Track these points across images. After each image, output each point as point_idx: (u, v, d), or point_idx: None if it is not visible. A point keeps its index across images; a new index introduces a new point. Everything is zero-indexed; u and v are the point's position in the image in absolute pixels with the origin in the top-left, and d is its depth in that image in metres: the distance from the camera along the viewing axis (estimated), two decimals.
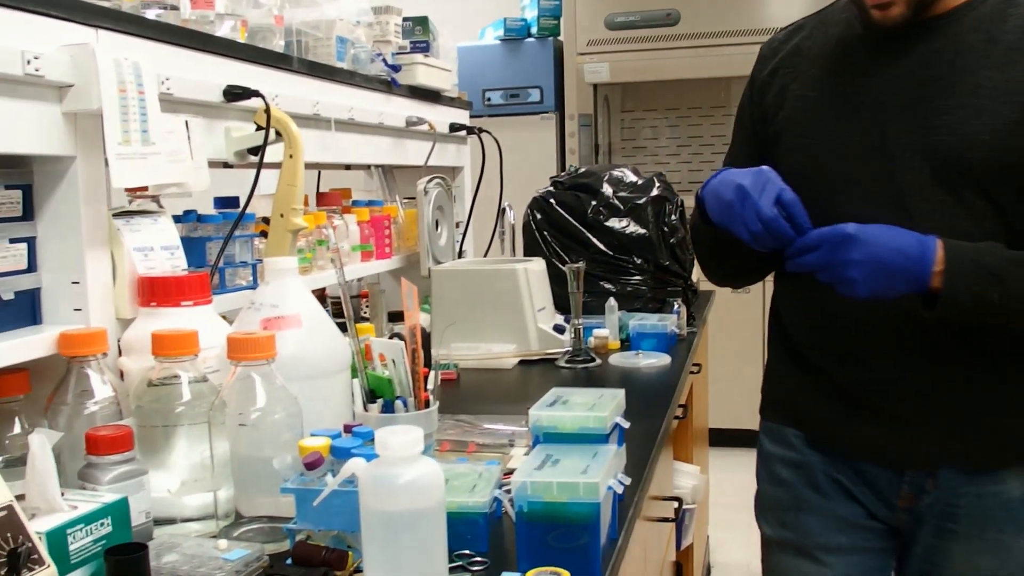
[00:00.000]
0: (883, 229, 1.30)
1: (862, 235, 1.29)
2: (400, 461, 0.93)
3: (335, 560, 1.06)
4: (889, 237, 1.29)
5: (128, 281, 1.36)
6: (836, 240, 1.30)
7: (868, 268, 1.28)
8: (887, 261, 1.28)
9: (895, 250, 1.28)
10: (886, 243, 1.29)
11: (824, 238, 1.31)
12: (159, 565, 1.07)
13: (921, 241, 1.29)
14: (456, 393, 1.97)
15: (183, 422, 1.22)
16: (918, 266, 1.28)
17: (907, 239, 1.29)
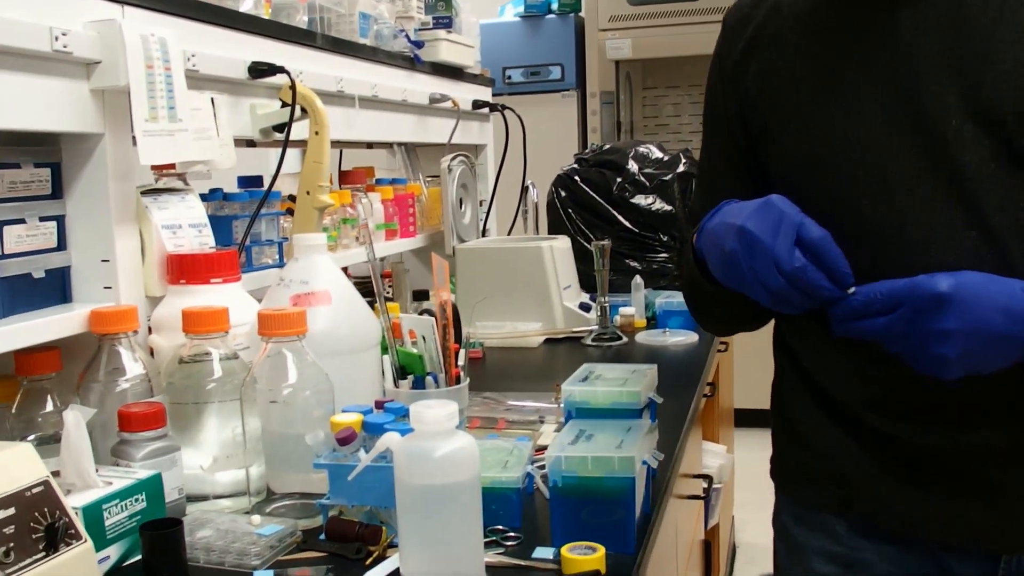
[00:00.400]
0: (983, 281, 0.94)
1: (960, 294, 0.92)
2: (435, 435, 0.93)
3: (369, 535, 1.07)
4: (994, 294, 0.94)
5: (157, 259, 1.36)
6: (922, 302, 0.93)
7: (970, 342, 0.93)
8: (994, 328, 0.93)
9: (1002, 310, 0.93)
10: (992, 303, 0.93)
11: (901, 296, 0.95)
12: (193, 540, 1.08)
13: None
14: (482, 371, 1.98)
15: (214, 399, 1.22)
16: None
17: (1014, 291, 0.94)
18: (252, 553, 1.05)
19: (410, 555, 0.96)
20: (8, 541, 0.93)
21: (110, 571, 1.04)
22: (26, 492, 0.97)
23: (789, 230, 0.97)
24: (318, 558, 1.06)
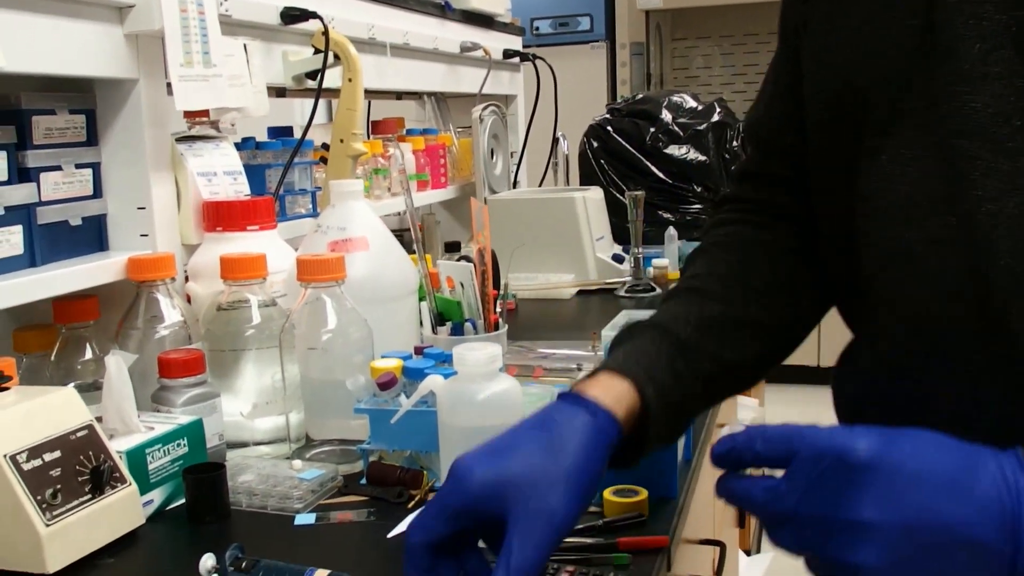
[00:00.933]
0: (928, 445, 0.60)
1: (886, 465, 0.59)
2: (479, 377, 0.94)
3: (410, 480, 1.08)
4: (946, 466, 0.59)
5: (193, 206, 1.37)
6: (825, 467, 0.60)
7: (902, 546, 0.57)
8: (943, 525, 0.57)
9: (959, 496, 0.57)
10: (941, 481, 0.58)
11: (794, 443, 0.62)
12: (235, 484, 1.09)
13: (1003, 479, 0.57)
14: (515, 323, 1.98)
15: (253, 346, 1.23)
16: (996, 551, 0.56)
17: (979, 466, 0.58)
18: (294, 497, 1.06)
19: None
20: (55, 483, 0.94)
21: (154, 515, 1.06)
22: (71, 436, 0.98)
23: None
24: (360, 502, 1.07)
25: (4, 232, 1.16)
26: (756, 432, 0.63)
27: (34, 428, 0.96)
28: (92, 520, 0.96)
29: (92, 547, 0.96)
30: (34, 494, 0.92)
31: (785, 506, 0.60)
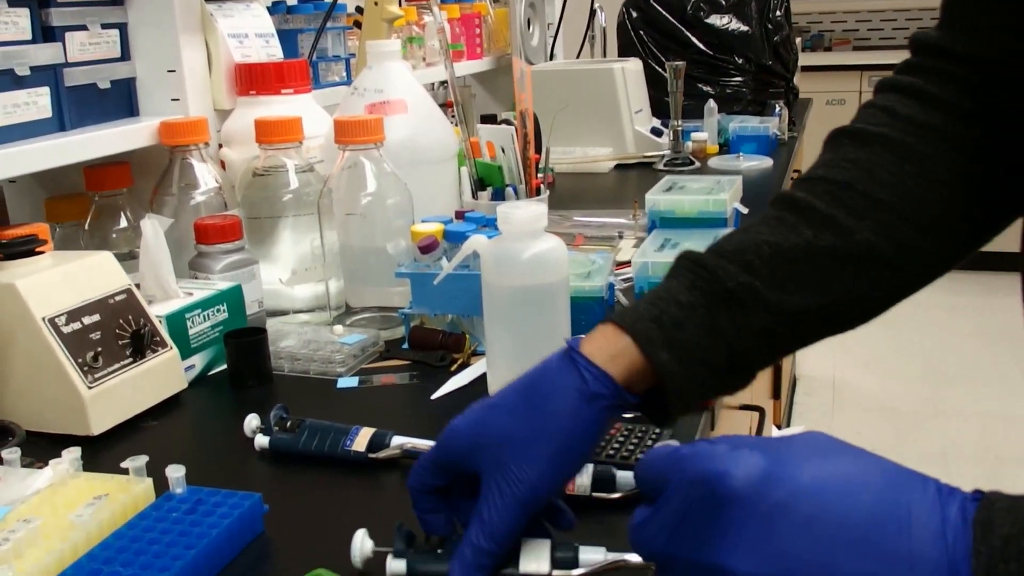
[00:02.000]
0: (838, 476, 0.45)
1: (767, 500, 0.45)
2: (523, 236, 0.90)
3: (453, 343, 1.05)
4: (837, 500, 0.44)
5: (224, 69, 1.32)
6: (693, 505, 0.47)
7: None
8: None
9: (849, 540, 0.43)
10: (822, 519, 0.43)
11: (671, 493, 0.49)
12: (277, 349, 1.07)
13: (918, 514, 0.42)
14: (552, 196, 1.93)
15: (290, 212, 1.20)
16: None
17: (882, 505, 0.43)
18: (336, 361, 1.04)
19: (497, 360, 0.94)
20: (95, 346, 0.92)
21: (196, 380, 1.04)
22: (109, 299, 0.96)
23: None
24: (402, 366, 1.05)
25: (31, 94, 1.12)
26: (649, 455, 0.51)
27: (72, 292, 0.94)
28: (134, 383, 0.95)
29: (135, 410, 0.95)
30: (75, 357, 0.90)
31: (655, 545, 0.48)
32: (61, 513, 0.69)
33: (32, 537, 0.65)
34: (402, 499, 0.76)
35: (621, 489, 0.74)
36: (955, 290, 4.25)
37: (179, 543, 0.66)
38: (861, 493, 0.43)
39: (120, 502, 0.71)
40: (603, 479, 0.74)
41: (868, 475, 0.44)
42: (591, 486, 0.74)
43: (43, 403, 0.90)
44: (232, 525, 0.69)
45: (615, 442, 0.80)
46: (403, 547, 0.63)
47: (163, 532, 0.67)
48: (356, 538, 0.65)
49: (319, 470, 0.83)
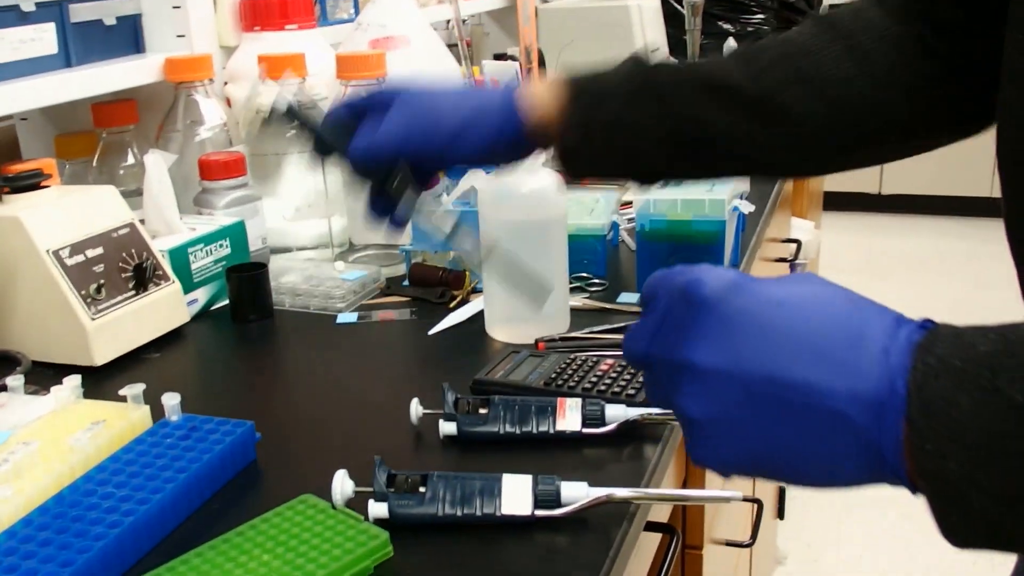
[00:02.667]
0: (804, 296, 0.47)
1: (732, 306, 0.47)
2: (521, 171, 0.91)
3: (453, 280, 1.07)
4: (789, 315, 0.46)
5: (229, 5, 1.33)
6: (672, 309, 0.50)
7: (725, 393, 0.46)
8: (773, 378, 0.45)
9: (800, 348, 0.45)
10: (777, 324, 0.46)
11: (657, 302, 0.51)
12: (278, 285, 1.09)
13: (868, 327, 0.45)
14: None
15: (294, 149, 1.21)
16: (854, 403, 0.43)
17: (834, 318, 0.46)
18: (336, 296, 1.06)
19: (494, 296, 0.95)
20: (98, 279, 0.94)
21: (199, 314, 1.06)
22: (112, 233, 0.98)
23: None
24: (402, 302, 1.07)
25: (36, 30, 1.13)
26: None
27: (75, 225, 0.96)
28: (137, 316, 0.97)
29: (137, 342, 0.97)
30: (78, 288, 0.92)
31: (639, 348, 0.51)
32: (60, 437, 0.71)
33: (31, 459, 0.68)
34: (386, 435, 0.78)
35: (611, 422, 0.75)
36: (985, 238, 4.23)
37: (171, 467, 0.68)
38: (821, 309, 0.46)
39: (117, 428, 0.73)
40: (593, 415, 0.75)
41: (834, 298, 0.46)
42: (581, 421, 0.75)
43: (48, 334, 0.93)
44: (224, 451, 0.71)
45: (607, 378, 0.81)
46: (383, 489, 0.65)
47: (157, 456, 0.69)
48: (336, 479, 0.65)
49: (313, 402, 0.86)
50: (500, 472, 0.66)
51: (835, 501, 2.43)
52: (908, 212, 4.60)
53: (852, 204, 4.62)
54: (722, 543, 1.20)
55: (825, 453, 0.44)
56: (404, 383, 0.88)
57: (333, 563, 0.59)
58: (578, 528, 0.63)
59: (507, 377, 0.83)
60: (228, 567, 0.59)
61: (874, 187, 4.65)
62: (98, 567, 0.59)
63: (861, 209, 4.65)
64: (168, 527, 0.65)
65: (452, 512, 0.64)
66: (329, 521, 0.63)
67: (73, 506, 0.63)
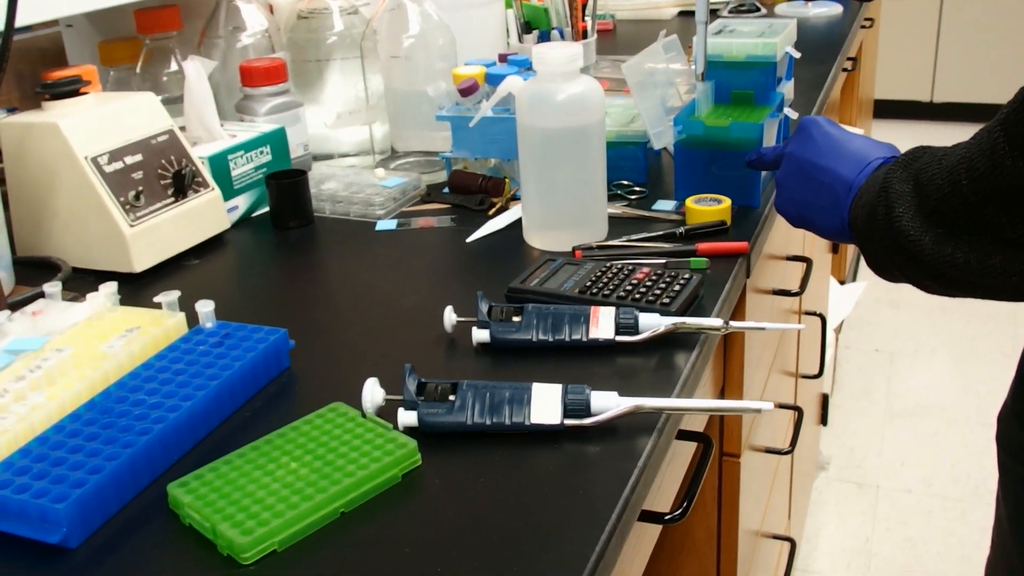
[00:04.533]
0: (844, 132, 0.81)
1: (812, 126, 0.82)
2: (559, 77, 0.86)
3: (492, 187, 1.03)
4: (838, 139, 0.79)
5: None
6: (795, 129, 0.84)
7: (792, 168, 0.82)
8: (812, 163, 0.79)
9: (832, 154, 0.78)
10: (829, 142, 0.79)
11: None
12: (319, 191, 1.06)
13: (870, 154, 0.77)
14: (613, 44, 1.87)
15: (336, 55, 1.17)
16: (840, 184, 0.76)
17: (859, 147, 0.78)
18: (376, 204, 1.03)
19: (532, 203, 0.92)
20: (137, 185, 0.92)
21: (239, 221, 1.04)
22: (152, 140, 0.96)
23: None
24: (441, 209, 1.04)
25: None
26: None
27: (114, 132, 0.93)
28: (176, 223, 0.95)
29: (177, 249, 0.95)
30: (117, 195, 0.90)
31: (770, 152, 0.90)
32: (94, 344, 0.70)
33: (63, 366, 0.66)
34: (418, 342, 0.76)
35: (644, 331, 0.72)
36: None
37: (203, 374, 0.66)
38: (856, 143, 0.78)
39: (151, 335, 0.71)
40: (626, 322, 0.72)
41: (870, 143, 0.78)
42: (615, 330, 0.72)
43: (88, 241, 0.91)
44: (257, 359, 0.69)
45: (642, 286, 0.78)
46: (413, 397, 0.63)
47: (189, 364, 0.67)
48: (367, 387, 0.64)
49: (350, 309, 0.83)
50: (532, 380, 0.64)
51: (878, 408, 2.39)
52: (960, 120, 4.43)
53: (903, 112, 4.46)
54: (761, 450, 1.18)
55: (823, 209, 0.78)
56: (440, 291, 0.85)
57: (360, 471, 0.57)
58: (608, 437, 0.60)
59: (542, 285, 0.80)
60: (256, 475, 0.57)
61: (926, 95, 4.48)
62: (126, 475, 0.57)
63: (912, 117, 4.49)
64: (199, 435, 0.64)
65: (481, 421, 0.61)
66: (358, 429, 0.61)
67: (104, 413, 0.62)
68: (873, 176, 0.71)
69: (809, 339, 1.61)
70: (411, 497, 0.57)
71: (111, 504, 0.56)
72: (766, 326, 0.74)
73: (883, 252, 0.69)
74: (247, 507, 0.54)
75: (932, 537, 1.97)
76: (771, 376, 1.22)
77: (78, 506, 0.54)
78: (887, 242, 0.67)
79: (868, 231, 0.70)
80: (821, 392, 2.11)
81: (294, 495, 0.55)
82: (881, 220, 0.67)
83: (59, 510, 0.53)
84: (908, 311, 2.84)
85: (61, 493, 0.54)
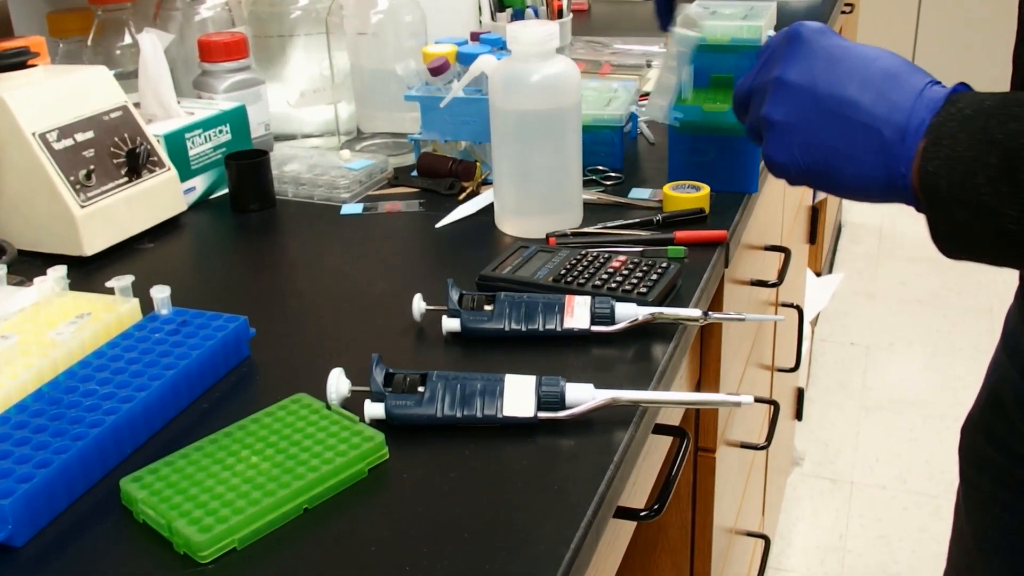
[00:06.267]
0: (872, 49, 0.62)
1: (820, 44, 0.62)
2: (533, 57, 0.85)
3: (463, 171, 1.02)
4: (859, 56, 0.61)
5: None
6: (776, 47, 0.64)
7: (799, 102, 0.61)
8: (834, 95, 0.60)
9: (861, 80, 0.59)
10: (848, 61, 0.60)
11: (764, 48, 0.66)
12: (281, 173, 1.05)
13: (913, 78, 0.58)
14: (587, 24, 1.86)
15: (299, 31, 1.16)
16: (888, 125, 0.57)
17: (891, 66, 0.59)
18: (341, 187, 1.02)
19: (504, 188, 0.91)
20: (88, 164, 0.90)
21: (197, 203, 1.03)
22: (104, 116, 0.94)
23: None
24: (409, 193, 1.03)
25: None
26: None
27: (64, 107, 0.91)
28: (130, 204, 0.93)
29: (130, 231, 0.93)
30: (67, 174, 0.88)
31: (744, 84, 0.67)
32: (42, 331, 0.68)
33: (9, 353, 0.65)
34: (386, 331, 0.75)
35: (620, 321, 0.71)
36: None
37: (159, 364, 0.65)
38: (883, 59, 0.60)
39: (103, 321, 0.70)
40: (602, 312, 0.71)
41: (894, 57, 0.60)
42: (590, 319, 0.71)
43: (35, 222, 0.89)
44: (215, 347, 0.68)
45: (618, 275, 0.77)
46: (380, 388, 0.62)
47: (144, 352, 0.66)
48: (332, 377, 0.62)
49: (313, 297, 0.82)
50: (505, 371, 0.63)
51: (853, 403, 2.41)
52: None
53: None
54: (736, 445, 1.18)
55: (858, 158, 0.58)
56: (408, 278, 0.84)
57: (325, 465, 0.56)
58: (583, 431, 0.60)
59: (515, 273, 0.79)
60: (215, 469, 0.56)
61: None
62: (76, 469, 0.56)
63: None
64: (154, 427, 0.62)
65: (451, 413, 0.60)
66: (323, 422, 0.60)
67: (53, 404, 0.60)
68: (952, 110, 0.54)
69: (785, 332, 1.62)
70: (378, 493, 0.56)
71: (60, 500, 0.55)
72: (746, 317, 0.74)
73: (982, 223, 0.53)
74: (205, 503, 0.53)
75: (906, 534, 1.99)
76: (747, 369, 1.22)
77: (25, 502, 0.52)
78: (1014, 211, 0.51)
79: (961, 194, 0.53)
80: (796, 386, 2.12)
81: (255, 490, 0.54)
82: (998, 182, 0.51)
83: (4, 506, 0.51)
84: (884, 303, 2.86)
85: (6, 488, 0.52)
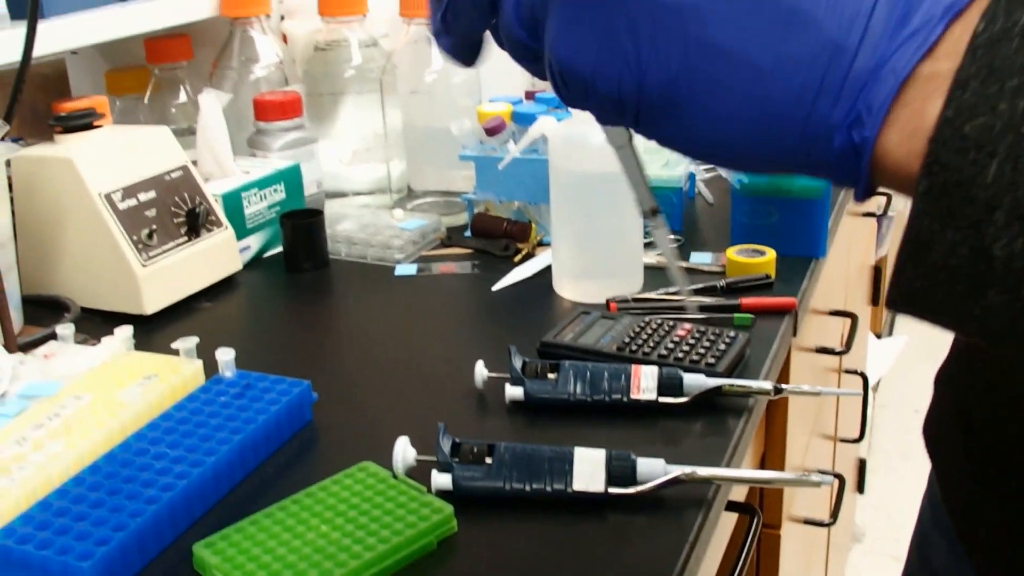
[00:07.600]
0: None
1: None
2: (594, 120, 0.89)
3: (517, 232, 1.05)
4: None
5: None
6: None
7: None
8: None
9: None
10: None
11: None
12: (334, 232, 1.09)
13: None
14: None
15: (353, 89, 1.20)
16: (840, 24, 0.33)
17: None
18: (395, 247, 1.05)
19: (563, 251, 0.94)
20: (150, 224, 0.95)
21: (251, 261, 1.06)
22: (166, 176, 0.98)
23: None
24: (463, 255, 1.06)
25: None
26: None
27: (128, 167, 0.95)
28: (188, 263, 0.97)
29: (189, 290, 0.97)
30: (130, 234, 0.92)
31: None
32: (111, 391, 0.71)
33: (82, 414, 0.68)
34: (447, 398, 0.77)
35: (689, 393, 0.73)
36: None
37: (226, 427, 0.68)
38: None
39: (169, 383, 0.73)
40: (670, 383, 0.73)
41: None
42: (657, 390, 0.73)
43: (98, 280, 0.93)
44: (280, 412, 0.71)
45: (685, 344, 0.80)
46: (448, 459, 0.64)
47: (211, 416, 0.69)
48: (398, 447, 0.65)
49: (371, 360, 0.85)
50: (570, 442, 0.65)
51: (917, 474, 2.39)
52: None
53: None
54: (800, 521, 1.19)
55: (775, 77, 0.34)
56: (466, 342, 0.87)
57: (395, 537, 0.58)
58: (654, 508, 0.62)
59: (577, 340, 0.82)
60: (285, 537, 0.59)
61: None
62: (151, 531, 0.59)
63: None
64: (222, 491, 0.65)
65: (520, 486, 0.63)
66: (390, 492, 0.63)
67: (125, 466, 0.63)
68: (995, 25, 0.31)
69: (848, 400, 1.63)
70: (447, 566, 0.58)
71: (134, 562, 0.58)
72: (822, 391, 0.75)
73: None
74: (278, 572, 0.56)
75: None
76: (811, 440, 1.23)
77: (103, 564, 0.55)
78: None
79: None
80: (858, 456, 2.12)
81: (326, 560, 0.57)
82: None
83: (84, 568, 0.54)
84: None
85: (86, 550, 0.55)
